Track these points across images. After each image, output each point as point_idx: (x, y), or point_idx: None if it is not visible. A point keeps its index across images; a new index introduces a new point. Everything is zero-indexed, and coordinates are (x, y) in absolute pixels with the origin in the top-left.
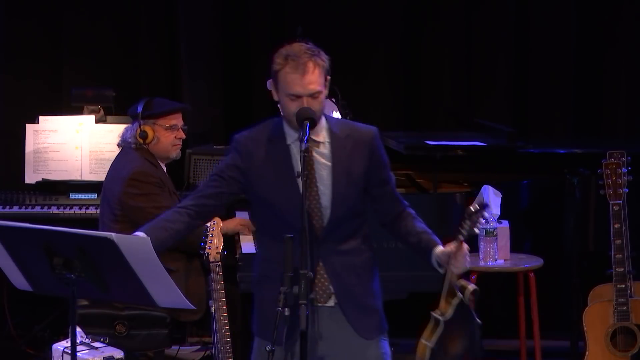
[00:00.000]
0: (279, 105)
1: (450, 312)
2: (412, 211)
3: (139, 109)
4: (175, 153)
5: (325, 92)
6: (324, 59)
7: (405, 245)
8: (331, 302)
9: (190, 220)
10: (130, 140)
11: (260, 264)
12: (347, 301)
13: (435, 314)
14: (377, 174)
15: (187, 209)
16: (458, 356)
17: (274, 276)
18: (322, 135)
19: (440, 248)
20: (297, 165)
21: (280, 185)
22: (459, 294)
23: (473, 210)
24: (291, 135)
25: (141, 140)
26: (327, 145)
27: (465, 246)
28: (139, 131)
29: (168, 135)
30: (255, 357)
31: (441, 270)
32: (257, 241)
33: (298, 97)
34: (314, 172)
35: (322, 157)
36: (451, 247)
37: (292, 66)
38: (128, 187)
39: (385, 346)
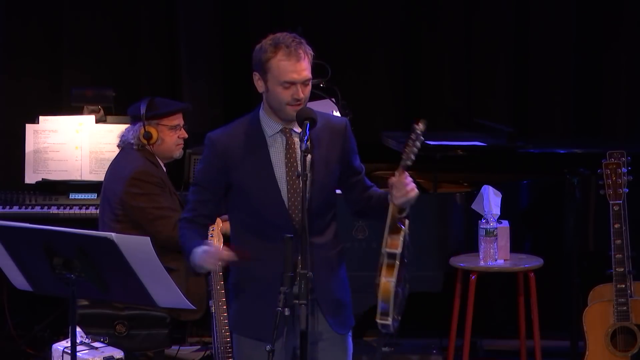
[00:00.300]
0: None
1: (401, 246)
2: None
3: (142, 110)
4: (178, 152)
5: None
6: (309, 48)
7: (371, 213)
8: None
9: (204, 231)
10: (133, 141)
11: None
12: (324, 295)
13: (390, 250)
14: (350, 163)
15: (195, 222)
16: (406, 290)
17: (256, 275)
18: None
19: None
20: (275, 158)
21: (258, 179)
22: (403, 228)
23: (419, 131)
24: (271, 127)
25: (145, 141)
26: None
27: (407, 175)
28: (143, 132)
29: (172, 135)
30: (240, 355)
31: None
32: (234, 240)
33: (292, 84)
34: (296, 164)
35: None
36: (394, 177)
37: (285, 53)
38: (129, 186)
39: (351, 342)
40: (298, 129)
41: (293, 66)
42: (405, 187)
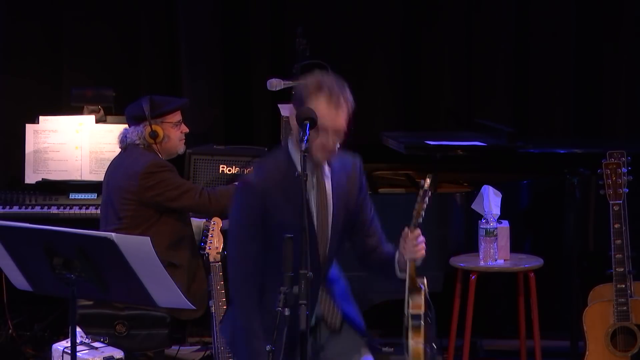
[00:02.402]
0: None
1: (423, 306)
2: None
3: (147, 109)
4: (182, 148)
5: None
6: (350, 96)
7: (373, 267)
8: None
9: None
10: (138, 141)
11: (265, 296)
12: (349, 322)
13: (415, 311)
14: (365, 204)
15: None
16: (434, 349)
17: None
18: (327, 168)
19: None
20: (312, 198)
21: (293, 216)
22: (423, 288)
23: (426, 188)
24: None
25: (152, 140)
26: (330, 176)
27: (418, 231)
28: (149, 131)
29: (175, 132)
30: None
31: (402, 276)
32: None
33: (328, 133)
34: (326, 202)
35: (328, 189)
36: (406, 230)
37: (327, 99)
38: (144, 179)
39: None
40: (327, 170)
41: (336, 117)
42: (416, 245)
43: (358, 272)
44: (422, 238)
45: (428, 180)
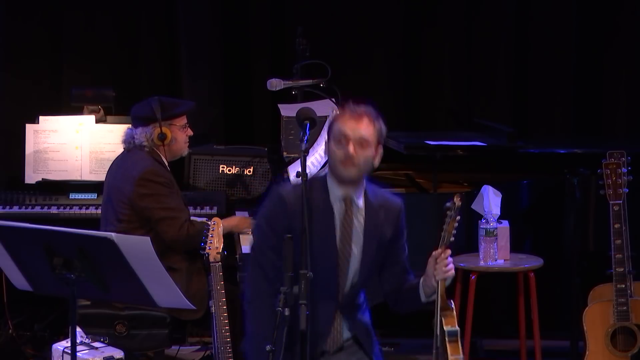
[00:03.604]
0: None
1: (456, 322)
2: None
3: (157, 111)
4: (186, 150)
5: (377, 157)
6: (381, 125)
7: (398, 299)
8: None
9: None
10: (145, 143)
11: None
12: (364, 339)
13: (451, 328)
14: (398, 244)
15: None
16: None
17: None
18: (361, 200)
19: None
20: (338, 227)
21: (317, 245)
22: (452, 305)
23: (457, 206)
24: (334, 193)
25: (160, 142)
26: (363, 211)
27: (449, 251)
28: (158, 132)
29: (182, 134)
30: None
31: (426, 300)
32: None
33: (346, 139)
34: (351, 234)
35: (359, 222)
36: (436, 252)
37: (350, 115)
38: (138, 186)
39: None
40: (361, 201)
41: (352, 124)
42: (446, 265)
43: None
44: (450, 258)
45: (459, 199)
